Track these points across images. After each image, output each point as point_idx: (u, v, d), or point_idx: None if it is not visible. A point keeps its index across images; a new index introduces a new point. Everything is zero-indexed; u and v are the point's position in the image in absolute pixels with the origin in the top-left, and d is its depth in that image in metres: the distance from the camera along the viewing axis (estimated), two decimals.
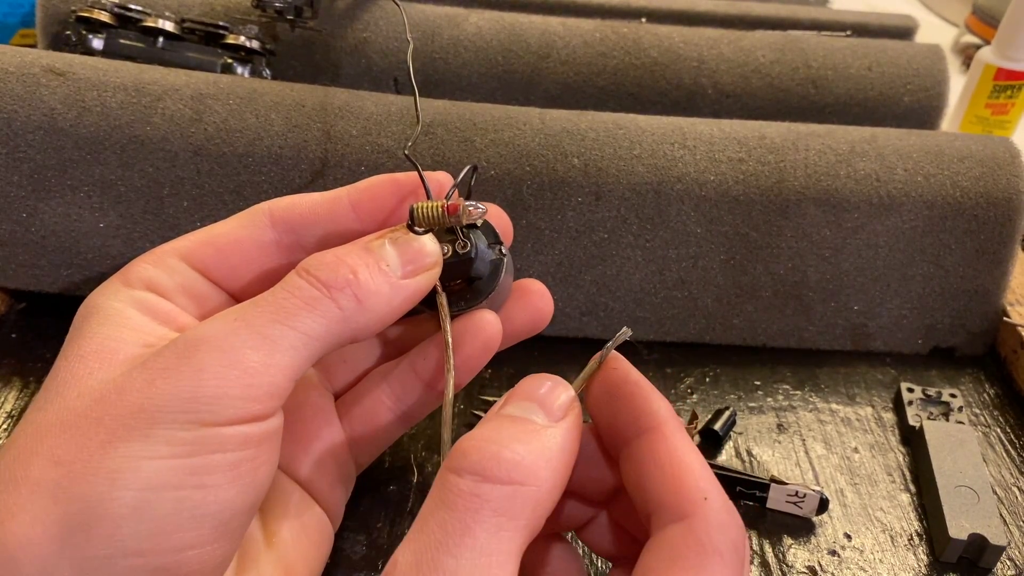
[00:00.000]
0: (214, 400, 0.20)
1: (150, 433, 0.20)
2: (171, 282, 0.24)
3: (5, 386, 0.37)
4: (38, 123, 0.38)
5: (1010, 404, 0.42)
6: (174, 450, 0.20)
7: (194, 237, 0.26)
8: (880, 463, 0.38)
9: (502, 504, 0.20)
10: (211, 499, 0.21)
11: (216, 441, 0.21)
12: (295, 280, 0.23)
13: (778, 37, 0.52)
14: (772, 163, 0.41)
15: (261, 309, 0.22)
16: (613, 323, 0.42)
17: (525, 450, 0.21)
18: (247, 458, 0.21)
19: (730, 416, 0.39)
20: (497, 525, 0.20)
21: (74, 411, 0.21)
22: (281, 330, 0.22)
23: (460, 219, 0.26)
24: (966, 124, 0.61)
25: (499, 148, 0.39)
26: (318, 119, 0.39)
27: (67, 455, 0.20)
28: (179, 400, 0.20)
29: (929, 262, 0.42)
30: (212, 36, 0.45)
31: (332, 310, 0.22)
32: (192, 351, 0.21)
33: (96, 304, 0.23)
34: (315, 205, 0.26)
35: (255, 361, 0.21)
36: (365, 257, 0.24)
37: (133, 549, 0.20)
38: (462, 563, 0.19)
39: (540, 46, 0.49)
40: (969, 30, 0.82)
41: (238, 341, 0.21)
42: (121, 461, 0.20)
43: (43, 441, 0.20)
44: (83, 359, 0.22)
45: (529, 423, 0.22)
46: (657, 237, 0.41)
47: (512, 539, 0.20)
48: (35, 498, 0.20)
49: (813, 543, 0.34)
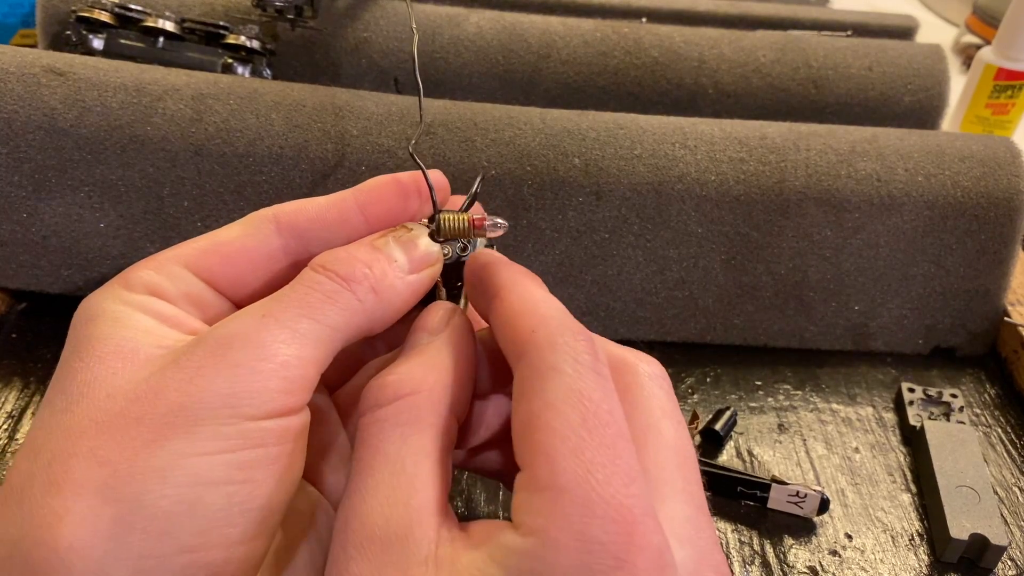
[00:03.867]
0: (254, 395, 0.21)
1: (194, 430, 0.20)
2: (174, 289, 0.24)
3: (5, 386, 0.37)
4: (38, 123, 0.38)
5: (1011, 404, 0.42)
6: (220, 445, 0.20)
7: (197, 244, 0.25)
8: (881, 463, 0.38)
9: (399, 417, 0.22)
10: (257, 493, 0.21)
11: (259, 435, 0.21)
12: (313, 276, 0.23)
13: (779, 37, 0.52)
14: (773, 163, 0.41)
15: (285, 304, 0.22)
16: (614, 323, 0.42)
17: (406, 367, 0.23)
18: (286, 452, 0.22)
19: (731, 416, 0.39)
20: (401, 436, 0.21)
21: (109, 411, 0.20)
22: (308, 324, 0.22)
23: (484, 232, 0.27)
24: (966, 124, 0.61)
25: (500, 148, 0.39)
26: (318, 119, 0.39)
27: (111, 455, 0.20)
28: (219, 396, 0.20)
29: (930, 262, 0.42)
30: (212, 36, 0.45)
31: (353, 302, 0.23)
32: (225, 348, 0.21)
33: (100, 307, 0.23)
34: (322, 210, 0.26)
35: (288, 355, 0.21)
36: (375, 253, 0.24)
37: (187, 545, 0.20)
38: (380, 477, 0.21)
39: (541, 46, 0.49)
40: (969, 30, 0.82)
41: (269, 336, 0.21)
42: (169, 459, 0.20)
43: (80, 442, 0.20)
44: (102, 360, 0.21)
45: (413, 346, 0.24)
46: (658, 237, 0.41)
47: (421, 441, 0.21)
48: (81, 500, 0.19)
49: (814, 543, 0.34)
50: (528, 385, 0.21)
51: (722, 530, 0.34)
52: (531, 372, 0.21)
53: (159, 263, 0.25)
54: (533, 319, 0.22)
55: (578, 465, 0.19)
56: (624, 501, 0.19)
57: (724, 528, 0.34)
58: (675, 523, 0.21)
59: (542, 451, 0.20)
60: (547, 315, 0.22)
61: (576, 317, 0.22)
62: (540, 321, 0.22)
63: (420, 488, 0.21)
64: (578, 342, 0.21)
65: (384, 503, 0.20)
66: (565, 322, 0.22)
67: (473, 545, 0.20)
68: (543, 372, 0.21)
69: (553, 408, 0.20)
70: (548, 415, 0.20)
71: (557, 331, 0.21)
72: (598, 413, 0.20)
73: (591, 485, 0.19)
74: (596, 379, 0.21)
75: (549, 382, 0.20)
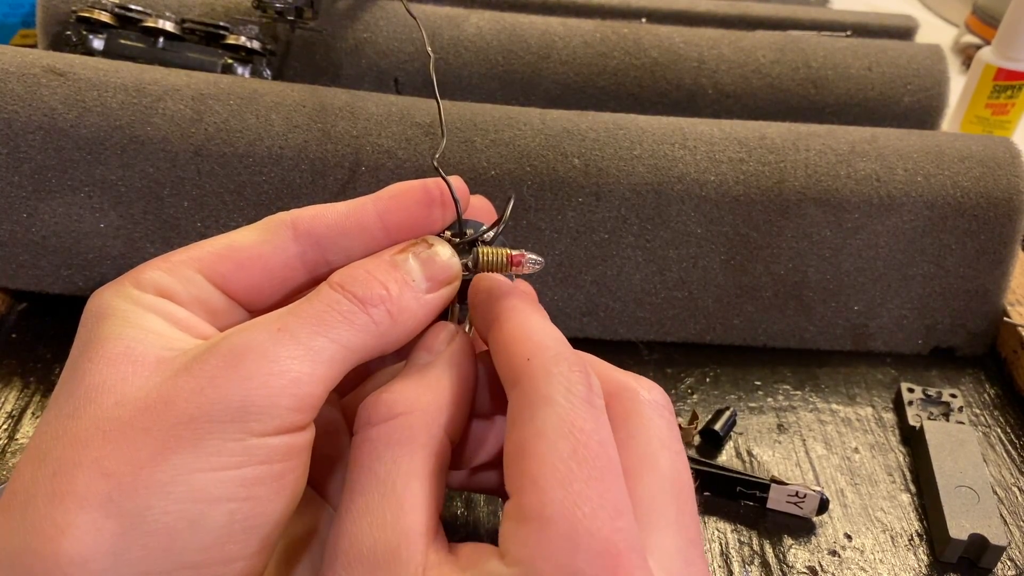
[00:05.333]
0: (264, 410, 0.20)
1: (200, 444, 0.20)
2: (185, 293, 0.24)
3: (5, 386, 0.37)
4: (39, 123, 0.38)
5: (1010, 404, 0.42)
6: (225, 461, 0.20)
7: (211, 247, 0.25)
8: (880, 463, 0.38)
9: (391, 437, 0.22)
10: (259, 511, 0.21)
11: (264, 452, 0.21)
12: (331, 294, 0.23)
13: (778, 37, 0.52)
14: (772, 163, 0.41)
15: (302, 320, 0.22)
16: (613, 323, 0.42)
17: (401, 386, 0.23)
18: (290, 469, 0.21)
19: (730, 416, 0.39)
20: (392, 456, 0.21)
21: (117, 420, 0.20)
22: (322, 342, 0.22)
23: (522, 269, 0.27)
24: (966, 124, 0.61)
25: (499, 148, 0.39)
26: (318, 119, 0.39)
27: (116, 467, 0.19)
28: (229, 409, 0.20)
29: (929, 262, 0.42)
30: (212, 36, 0.45)
31: (369, 325, 0.23)
32: (239, 359, 0.21)
33: (110, 304, 0.23)
34: (341, 216, 0.25)
35: (300, 371, 0.21)
36: (393, 273, 0.24)
37: (188, 562, 0.20)
38: (370, 497, 0.21)
39: (540, 46, 0.49)
40: (969, 30, 0.82)
41: (284, 351, 0.21)
42: (173, 473, 0.20)
43: (85, 452, 0.20)
44: (113, 363, 0.21)
45: (412, 365, 0.24)
46: (657, 237, 0.41)
47: (412, 462, 0.21)
48: (84, 512, 0.19)
49: (813, 543, 0.34)
50: (520, 413, 0.21)
51: (722, 530, 0.34)
52: (524, 400, 0.21)
53: (171, 265, 0.24)
54: (529, 347, 0.22)
55: (566, 496, 0.19)
56: (610, 535, 0.19)
57: (724, 528, 0.34)
58: (665, 555, 0.21)
59: (530, 480, 0.20)
60: (543, 343, 0.22)
61: (576, 317, 0.22)
62: (536, 349, 0.22)
63: (409, 510, 0.21)
64: (572, 372, 0.21)
65: (373, 524, 0.20)
66: (561, 351, 0.22)
67: (460, 568, 0.20)
68: (536, 401, 0.21)
69: (544, 437, 0.20)
70: (538, 444, 0.20)
71: (552, 360, 0.22)
72: (588, 445, 0.20)
73: (577, 517, 0.19)
74: (588, 410, 0.21)
75: (541, 411, 0.21)
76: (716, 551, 0.33)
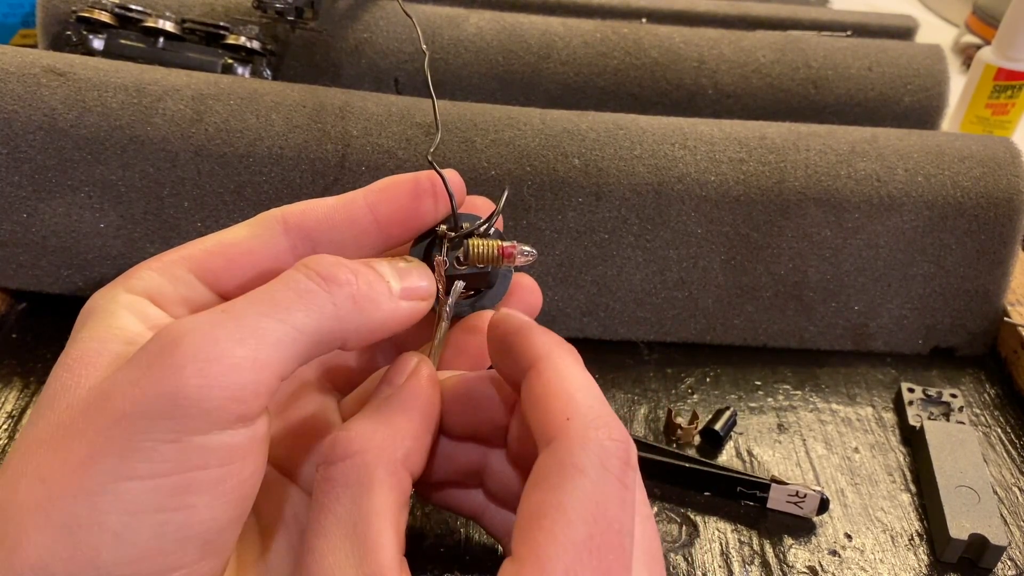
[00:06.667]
0: (196, 402, 0.19)
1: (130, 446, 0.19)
2: (174, 292, 0.23)
3: (5, 386, 0.37)
4: (39, 123, 0.38)
5: (1011, 404, 0.42)
6: (154, 468, 0.19)
7: (203, 245, 0.24)
8: (880, 463, 0.38)
9: (347, 477, 0.21)
10: (195, 520, 0.20)
11: (199, 456, 0.19)
12: (292, 274, 0.22)
13: (778, 37, 0.52)
14: (773, 163, 0.41)
15: (250, 302, 0.21)
16: (614, 323, 0.42)
17: (359, 425, 0.22)
18: (232, 473, 0.20)
19: (731, 416, 0.39)
20: (350, 497, 0.21)
21: (60, 425, 0.20)
22: (269, 323, 0.20)
23: (514, 262, 0.26)
24: (966, 124, 0.61)
25: (499, 148, 0.39)
26: (319, 119, 0.39)
27: (51, 473, 0.19)
28: (162, 402, 0.19)
29: (929, 262, 0.42)
30: (213, 36, 0.45)
31: (326, 305, 0.22)
32: (173, 345, 0.19)
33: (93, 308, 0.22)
34: (331, 209, 0.25)
35: (239, 356, 0.19)
36: (366, 267, 0.23)
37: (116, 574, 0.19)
38: (331, 539, 0.20)
39: (540, 47, 0.49)
40: (969, 30, 0.82)
41: (223, 334, 0.20)
42: (102, 480, 0.19)
43: (31, 460, 0.19)
44: (70, 368, 0.21)
45: (373, 399, 0.24)
46: (657, 237, 0.41)
47: (370, 502, 0.21)
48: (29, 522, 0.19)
49: (814, 543, 0.34)
50: (548, 476, 0.20)
51: (722, 530, 0.34)
52: (555, 462, 0.20)
53: (163, 264, 0.24)
54: (569, 406, 0.21)
55: None
56: None
57: (724, 528, 0.34)
58: None
59: (536, 555, 0.19)
60: (584, 404, 0.21)
61: (576, 317, 0.22)
62: (576, 410, 0.21)
63: (371, 550, 0.20)
64: (611, 442, 0.20)
65: (335, 565, 0.20)
66: (602, 415, 0.21)
67: None
68: (567, 467, 0.20)
69: (563, 513, 0.19)
70: (556, 519, 0.19)
71: (592, 425, 0.21)
72: (606, 534, 0.19)
73: None
74: (618, 490, 0.20)
75: (569, 481, 0.20)
76: (716, 551, 0.33)
